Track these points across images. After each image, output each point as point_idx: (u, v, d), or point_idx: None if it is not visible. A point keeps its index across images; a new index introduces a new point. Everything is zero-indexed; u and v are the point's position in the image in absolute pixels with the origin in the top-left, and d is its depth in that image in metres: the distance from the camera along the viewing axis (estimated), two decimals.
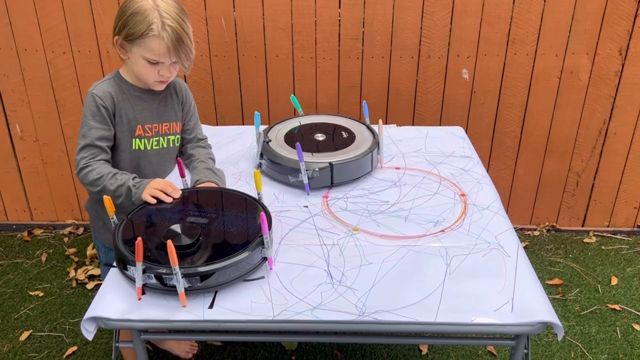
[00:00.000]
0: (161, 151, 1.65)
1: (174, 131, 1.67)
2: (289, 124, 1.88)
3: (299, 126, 1.86)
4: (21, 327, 2.20)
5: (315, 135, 1.79)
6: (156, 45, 1.44)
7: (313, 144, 1.72)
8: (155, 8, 1.43)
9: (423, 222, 1.45)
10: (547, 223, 2.81)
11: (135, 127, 1.58)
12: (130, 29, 1.44)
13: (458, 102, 2.52)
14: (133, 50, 1.48)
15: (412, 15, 2.35)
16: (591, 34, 2.36)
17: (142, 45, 1.45)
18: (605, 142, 2.59)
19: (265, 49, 2.43)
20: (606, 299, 2.35)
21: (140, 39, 1.44)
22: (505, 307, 1.16)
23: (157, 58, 1.46)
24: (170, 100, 1.66)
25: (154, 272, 1.16)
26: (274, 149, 1.68)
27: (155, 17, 1.43)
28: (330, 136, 1.78)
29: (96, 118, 1.50)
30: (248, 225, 1.31)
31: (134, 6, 1.44)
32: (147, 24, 1.42)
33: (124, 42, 1.48)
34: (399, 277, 1.25)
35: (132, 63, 1.51)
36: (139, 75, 1.53)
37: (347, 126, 1.85)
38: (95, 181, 1.48)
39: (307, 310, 1.15)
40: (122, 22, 1.46)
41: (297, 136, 1.79)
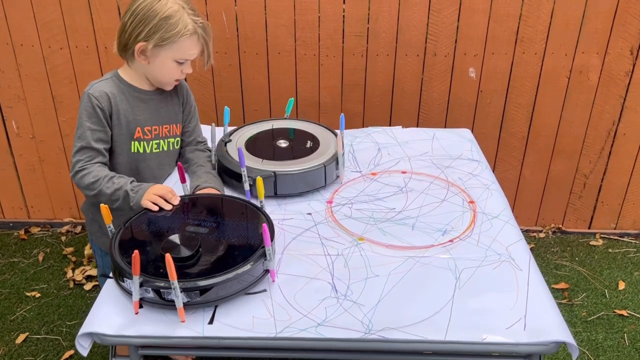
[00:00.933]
0: (161, 154, 1.60)
1: (174, 133, 1.62)
2: (260, 127, 1.81)
3: (269, 130, 1.79)
4: (17, 330, 2.15)
5: (278, 141, 1.70)
6: (192, 44, 1.44)
7: (270, 151, 1.65)
8: (182, 8, 1.41)
9: (431, 231, 1.40)
10: (553, 225, 2.76)
11: (134, 129, 1.52)
12: (165, 33, 1.40)
13: (464, 102, 2.46)
14: (161, 54, 1.44)
15: (418, 12, 2.29)
16: (602, 33, 2.30)
17: (174, 48, 1.43)
18: (614, 143, 2.53)
19: (267, 45, 2.37)
20: (613, 304, 2.30)
21: (174, 42, 1.41)
22: (518, 324, 1.11)
23: (189, 57, 1.46)
24: (171, 101, 1.61)
25: (152, 286, 1.11)
26: (228, 151, 1.63)
27: (187, 18, 1.41)
28: (292, 144, 1.69)
29: (92, 119, 1.45)
30: (249, 235, 1.26)
31: (161, 10, 1.40)
32: (183, 25, 1.40)
33: (152, 47, 1.42)
34: (407, 291, 1.20)
35: (155, 67, 1.46)
36: (159, 77, 1.50)
37: (317, 135, 1.73)
38: (91, 185, 1.43)
39: (311, 327, 1.10)
40: (151, 28, 1.40)
41: (259, 141, 1.71)
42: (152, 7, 1.40)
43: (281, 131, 1.78)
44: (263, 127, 1.81)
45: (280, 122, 1.84)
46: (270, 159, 1.59)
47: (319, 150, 1.64)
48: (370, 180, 1.65)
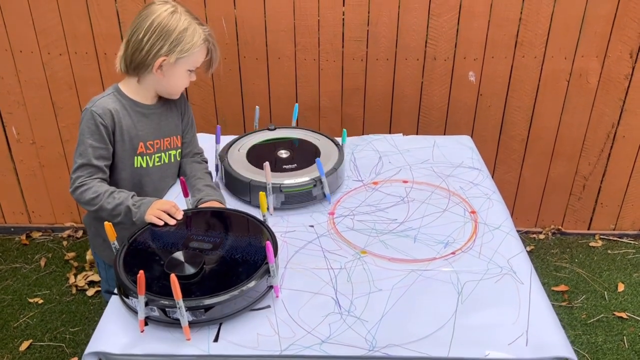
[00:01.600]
0: (162, 167, 1.61)
1: (175, 145, 1.63)
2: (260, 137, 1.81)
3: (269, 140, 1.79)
4: (21, 337, 2.17)
5: (279, 152, 1.70)
6: (203, 53, 1.49)
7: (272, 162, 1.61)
8: (193, 20, 1.46)
9: (433, 243, 1.41)
10: (552, 226, 2.77)
11: (137, 144, 1.53)
12: (185, 45, 1.43)
13: (464, 105, 2.47)
14: (178, 66, 1.46)
15: (417, 16, 2.29)
16: (601, 37, 2.31)
17: (192, 58, 1.47)
18: (614, 146, 2.54)
19: (267, 50, 2.37)
20: (613, 306, 2.32)
21: (193, 53, 1.45)
22: (520, 340, 1.12)
23: (198, 65, 1.51)
24: (170, 114, 1.61)
25: (157, 305, 1.12)
26: (230, 162, 1.64)
27: (199, 28, 1.45)
28: (294, 155, 1.70)
29: (94, 137, 1.45)
30: (253, 250, 1.26)
31: (177, 24, 1.43)
32: (199, 35, 1.45)
33: (173, 60, 1.44)
34: (410, 306, 1.21)
35: (170, 79, 1.49)
36: (173, 88, 1.52)
37: (319, 146, 1.74)
38: (92, 200, 1.43)
39: (316, 345, 1.11)
40: (172, 42, 1.42)
41: (260, 151, 1.72)
42: (169, 22, 1.42)
43: (281, 141, 1.78)
44: (262, 137, 1.81)
45: (281, 131, 1.84)
46: (273, 170, 1.58)
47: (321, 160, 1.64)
48: (372, 189, 1.66)
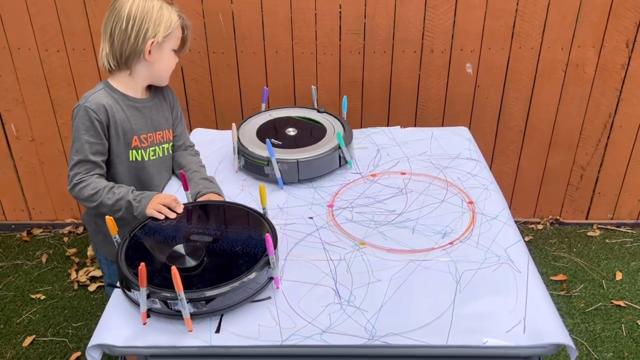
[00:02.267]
0: (157, 160, 1.61)
1: (167, 139, 1.64)
2: (263, 117, 1.89)
3: (273, 119, 1.89)
4: (24, 332, 2.18)
5: (287, 130, 1.79)
6: (180, 29, 1.51)
7: (284, 140, 1.74)
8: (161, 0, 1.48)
9: (431, 234, 1.42)
10: (550, 216, 2.79)
11: (131, 138, 1.53)
12: (166, 23, 1.46)
13: (462, 97, 2.48)
14: (164, 47, 1.49)
15: (414, 8, 2.30)
16: (598, 27, 2.31)
17: (173, 37, 1.49)
18: (611, 135, 2.55)
19: (265, 44, 2.37)
20: (611, 294, 2.34)
21: (174, 30, 1.48)
22: (517, 327, 1.13)
23: (180, 43, 1.53)
24: (161, 107, 1.62)
25: (159, 297, 1.13)
26: (243, 143, 1.71)
27: (169, 7, 1.48)
28: (300, 132, 1.80)
29: (90, 132, 1.45)
30: (253, 242, 1.28)
31: (152, 5, 1.45)
32: (174, 12, 1.48)
33: (161, 42, 1.46)
34: (409, 295, 1.22)
35: (160, 62, 1.51)
36: (164, 72, 1.54)
37: (322, 122, 1.85)
38: (92, 196, 1.44)
39: (316, 334, 1.13)
40: (155, 22, 1.44)
41: (269, 131, 1.81)
42: (145, 5, 1.44)
43: (284, 120, 1.87)
44: (266, 118, 1.88)
45: (279, 111, 1.94)
46: (287, 147, 1.68)
47: (327, 136, 1.75)
48: (370, 181, 1.67)
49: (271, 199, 1.55)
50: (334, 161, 1.69)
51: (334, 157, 1.68)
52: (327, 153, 1.66)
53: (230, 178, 1.70)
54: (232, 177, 1.70)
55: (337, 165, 1.70)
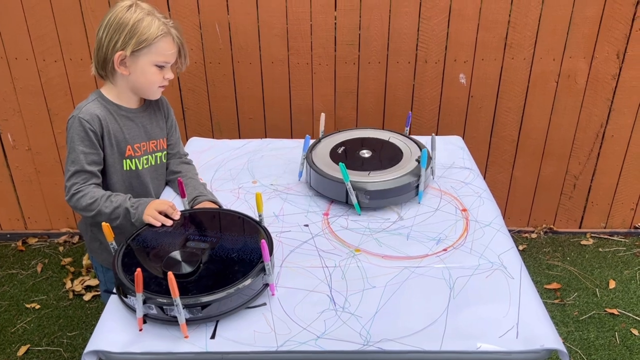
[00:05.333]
0: (151, 169, 1.63)
1: (161, 148, 1.64)
2: (337, 138, 1.82)
3: (343, 142, 1.79)
4: (18, 342, 2.18)
5: (361, 152, 1.72)
6: (168, 44, 1.46)
7: (357, 162, 1.66)
8: (150, 12, 1.45)
9: (425, 241, 1.44)
10: (544, 225, 2.81)
11: (124, 148, 1.54)
12: (140, 37, 1.42)
13: (455, 107, 2.50)
14: (140, 61, 1.45)
15: (408, 20, 2.33)
16: (589, 38, 2.35)
17: (152, 51, 1.45)
18: (603, 145, 2.58)
19: (261, 55, 2.40)
20: (604, 303, 2.36)
21: (152, 44, 1.44)
22: (510, 333, 1.15)
23: (168, 59, 1.48)
24: (155, 117, 1.63)
25: (155, 303, 1.14)
26: (316, 164, 1.65)
27: (157, 19, 1.44)
28: (375, 154, 1.71)
29: (85, 143, 1.46)
30: (249, 249, 1.29)
31: (131, 17, 1.42)
32: (157, 26, 1.44)
33: (131, 55, 1.44)
34: (403, 301, 1.23)
35: (138, 75, 1.48)
36: (144, 85, 1.50)
37: (400, 146, 1.75)
38: (89, 206, 1.44)
39: (311, 340, 1.13)
40: (126, 35, 1.42)
41: (343, 152, 1.74)
42: (123, 15, 1.43)
43: (357, 141, 1.80)
44: (340, 138, 1.82)
45: (354, 132, 1.86)
46: (359, 169, 1.61)
47: (404, 159, 1.68)
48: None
49: (267, 207, 1.56)
50: (409, 188, 1.57)
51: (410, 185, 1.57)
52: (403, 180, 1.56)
53: (226, 186, 1.71)
54: (228, 185, 1.71)
55: (413, 194, 1.59)
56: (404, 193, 1.57)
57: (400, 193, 1.56)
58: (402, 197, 1.58)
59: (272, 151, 1.93)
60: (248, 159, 1.87)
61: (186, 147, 1.98)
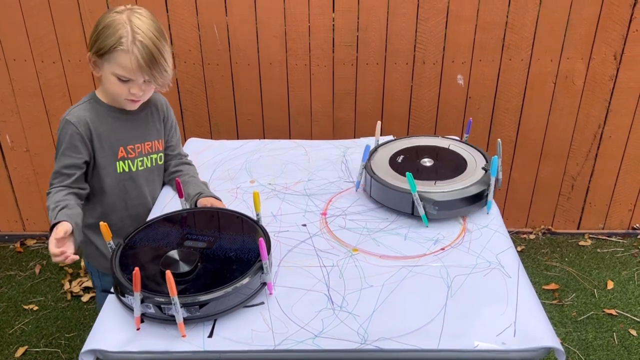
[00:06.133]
0: (146, 171, 1.60)
1: (156, 149, 1.62)
2: (394, 146, 1.76)
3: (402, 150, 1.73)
4: (16, 343, 2.17)
5: (422, 160, 1.65)
6: (126, 60, 1.38)
7: (421, 171, 1.59)
8: (127, 22, 1.38)
9: (423, 241, 1.44)
10: (542, 226, 2.81)
11: (117, 149, 1.53)
12: (101, 43, 1.38)
13: (453, 108, 2.51)
14: (104, 67, 1.42)
15: (406, 21, 2.34)
16: (586, 39, 2.36)
17: (111, 61, 1.39)
18: (600, 146, 2.59)
19: (259, 56, 2.40)
20: (602, 303, 2.36)
21: (109, 53, 1.38)
22: (508, 331, 1.15)
23: (127, 74, 1.40)
24: (152, 118, 1.60)
25: (153, 302, 1.14)
26: (376, 172, 1.58)
27: (126, 32, 1.37)
28: (436, 163, 1.65)
29: (67, 145, 1.45)
30: (247, 248, 1.29)
31: (106, 20, 1.40)
32: (117, 37, 1.37)
33: (96, 57, 1.42)
34: (400, 300, 1.23)
35: (104, 80, 1.45)
36: (110, 93, 1.47)
37: (463, 155, 1.70)
38: (49, 207, 1.42)
39: (309, 339, 1.13)
40: (93, 37, 1.41)
41: (402, 160, 1.67)
42: (103, 17, 1.41)
43: (416, 150, 1.74)
44: (396, 147, 1.76)
45: (410, 140, 1.81)
46: (423, 179, 1.53)
47: (469, 167, 1.62)
48: (363, 190, 1.69)
49: (265, 207, 1.57)
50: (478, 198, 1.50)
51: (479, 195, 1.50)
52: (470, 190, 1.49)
53: (224, 185, 1.71)
54: (225, 185, 1.72)
55: (482, 204, 1.52)
56: (473, 203, 1.50)
57: (469, 203, 1.50)
58: (471, 207, 1.51)
59: (270, 151, 1.93)
60: (246, 159, 1.88)
61: (184, 147, 1.98)
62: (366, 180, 1.62)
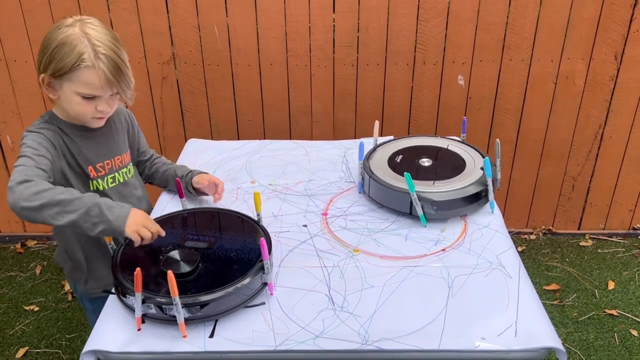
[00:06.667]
0: (118, 187, 1.51)
1: (125, 163, 1.53)
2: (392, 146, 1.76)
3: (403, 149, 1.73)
4: (17, 344, 2.17)
5: (420, 160, 1.66)
6: (92, 77, 1.28)
7: (419, 171, 1.60)
8: (83, 36, 1.27)
9: (423, 241, 1.44)
10: (543, 227, 2.81)
11: (87, 170, 1.42)
12: (58, 63, 1.26)
13: (454, 109, 2.51)
14: (64, 87, 1.30)
15: (406, 21, 2.34)
16: (586, 39, 2.36)
17: (74, 80, 1.28)
18: (601, 146, 2.59)
19: (259, 57, 2.40)
20: (603, 304, 2.36)
21: (71, 72, 1.26)
22: (509, 331, 1.15)
23: (94, 92, 1.30)
24: (116, 131, 1.51)
25: (154, 302, 1.14)
26: (374, 172, 1.58)
27: (86, 46, 1.26)
28: (435, 163, 1.65)
29: (38, 145, 1.29)
30: (248, 248, 1.29)
31: (58, 37, 1.27)
32: (78, 54, 1.25)
33: (52, 79, 1.29)
34: (401, 301, 1.23)
35: (65, 102, 1.33)
36: (74, 114, 1.35)
37: (461, 154, 1.70)
38: (36, 194, 1.19)
39: (309, 340, 1.13)
40: (47, 58, 1.27)
41: (401, 160, 1.67)
42: (52, 34, 1.29)
43: (415, 149, 1.74)
44: (395, 147, 1.76)
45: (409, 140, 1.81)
46: (422, 179, 1.54)
47: (467, 168, 1.61)
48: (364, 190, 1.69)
49: (266, 207, 1.57)
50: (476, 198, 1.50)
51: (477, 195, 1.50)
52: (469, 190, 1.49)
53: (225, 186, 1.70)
54: (226, 185, 1.71)
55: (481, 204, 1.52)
56: (472, 203, 1.50)
57: (468, 203, 1.50)
58: (470, 207, 1.51)
59: (271, 152, 1.93)
60: (247, 160, 1.88)
61: (184, 148, 1.98)
62: (364, 180, 1.62)
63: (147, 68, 2.41)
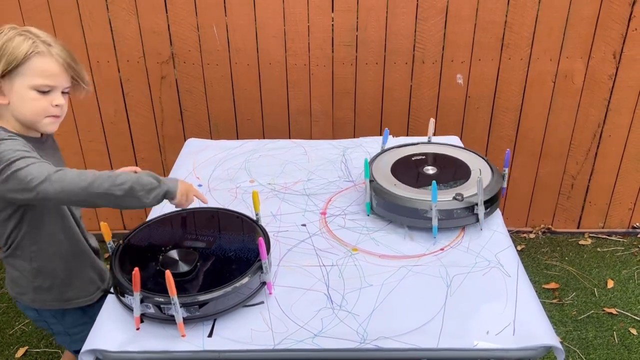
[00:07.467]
0: None
1: None
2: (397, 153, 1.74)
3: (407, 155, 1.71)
4: (17, 344, 2.17)
5: (425, 168, 1.63)
6: (47, 64, 1.24)
7: (420, 179, 1.57)
8: (25, 32, 1.25)
9: (422, 241, 1.44)
10: (542, 225, 2.81)
11: None
12: (9, 57, 1.21)
13: (453, 107, 2.51)
14: (16, 84, 1.23)
15: (405, 20, 2.34)
16: (585, 38, 2.36)
17: (27, 73, 1.23)
18: (600, 145, 2.59)
19: (258, 56, 2.40)
20: (602, 302, 2.36)
21: (24, 64, 1.22)
22: (507, 330, 1.15)
23: (50, 80, 1.25)
24: (57, 149, 1.47)
25: (152, 302, 1.14)
26: (378, 181, 1.55)
27: (31, 39, 1.24)
28: (440, 172, 1.62)
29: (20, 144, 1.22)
30: (246, 248, 1.29)
31: (2, 39, 1.23)
32: (28, 45, 1.23)
33: (3, 78, 1.23)
34: (400, 300, 1.24)
35: (17, 102, 1.25)
36: (28, 115, 1.27)
37: (464, 160, 1.69)
38: (80, 175, 1.16)
39: (308, 339, 1.14)
40: None
41: (404, 167, 1.64)
42: None
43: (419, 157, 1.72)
44: (400, 153, 1.74)
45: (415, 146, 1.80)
46: (423, 187, 1.51)
47: (472, 177, 1.59)
48: (362, 189, 1.69)
49: (264, 206, 1.57)
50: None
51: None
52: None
53: (224, 185, 1.71)
54: (225, 184, 1.72)
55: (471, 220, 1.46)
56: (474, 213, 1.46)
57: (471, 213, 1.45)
58: (473, 217, 1.46)
59: (270, 151, 1.93)
60: (245, 159, 1.88)
61: (184, 148, 1.98)
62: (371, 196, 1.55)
63: (146, 67, 2.41)
